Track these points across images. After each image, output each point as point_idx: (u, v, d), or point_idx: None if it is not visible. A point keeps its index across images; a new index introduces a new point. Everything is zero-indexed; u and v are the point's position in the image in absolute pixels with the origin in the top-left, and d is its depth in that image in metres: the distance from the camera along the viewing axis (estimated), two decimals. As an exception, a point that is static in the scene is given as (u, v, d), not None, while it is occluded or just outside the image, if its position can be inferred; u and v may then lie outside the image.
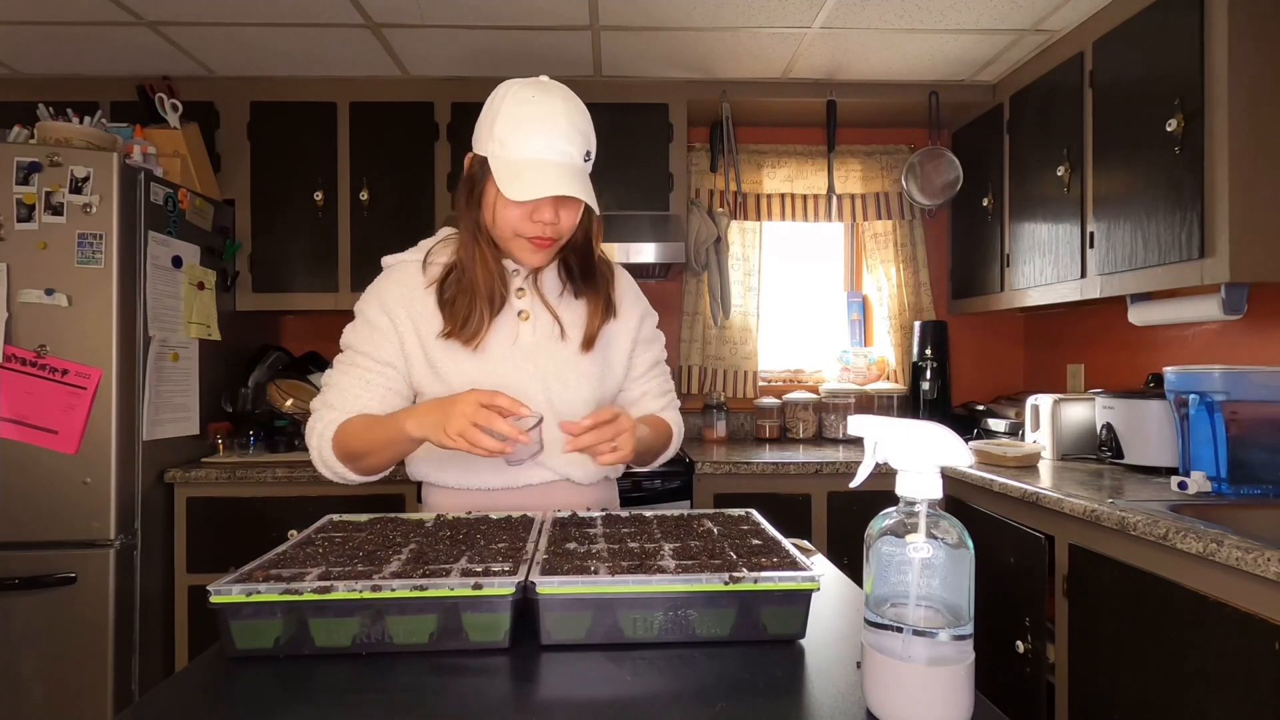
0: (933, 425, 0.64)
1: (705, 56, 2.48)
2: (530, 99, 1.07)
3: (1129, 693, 1.47)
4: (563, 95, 1.10)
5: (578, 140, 1.08)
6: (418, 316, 1.16)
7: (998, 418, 2.58)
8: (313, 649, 0.73)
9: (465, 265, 1.15)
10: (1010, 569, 1.81)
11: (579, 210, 1.14)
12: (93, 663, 1.93)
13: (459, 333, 1.13)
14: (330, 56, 2.46)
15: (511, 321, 1.17)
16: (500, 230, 1.12)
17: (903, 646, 0.60)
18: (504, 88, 1.10)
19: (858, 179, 2.95)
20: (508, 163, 1.06)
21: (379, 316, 1.16)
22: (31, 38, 2.31)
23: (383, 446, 1.08)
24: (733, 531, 0.95)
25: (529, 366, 1.16)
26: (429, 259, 1.19)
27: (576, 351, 1.19)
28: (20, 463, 1.92)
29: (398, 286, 1.18)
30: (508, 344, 1.16)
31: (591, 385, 1.19)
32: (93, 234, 1.95)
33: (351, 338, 1.19)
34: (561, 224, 1.11)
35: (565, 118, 1.07)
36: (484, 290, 1.14)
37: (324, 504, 2.19)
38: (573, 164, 1.08)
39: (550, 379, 1.17)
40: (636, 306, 1.29)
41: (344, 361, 1.18)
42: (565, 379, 1.17)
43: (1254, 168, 1.65)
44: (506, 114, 1.07)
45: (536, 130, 1.06)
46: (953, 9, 2.15)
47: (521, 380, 1.15)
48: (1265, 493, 1.62)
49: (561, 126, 1.07)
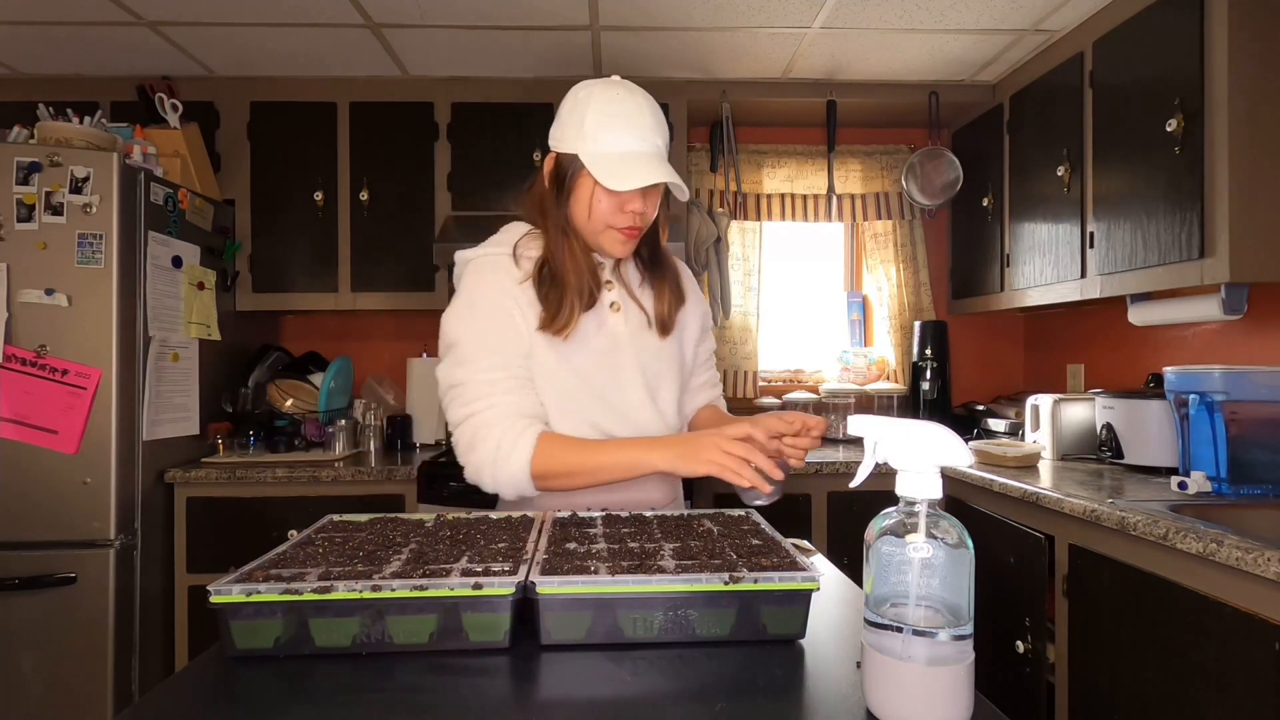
0: (933, 425, 0.64)
1: (705, 56, 2.48)
2: (617, 97, 1.13)
3: (1129, 693, 1.47)
4: (643, 92, 1.17)
5: (661, 132, 1.15)
6: (525, 308, 1.16)
7: (998, 418, 2.58)
8: (313, 649, 0.73)
9: (555, 260, 1.16)
10: (1010, 569, 1.81)
11: (659, 199, 1.19)
12: (93, 663, 1.93)
13: (550, 325, 1.14)
14: (330, 56, 2.46)
15: (605, 313, 1.21)
16: (594, 223, 1.16)
17: (903, 646, 0.60)
18: (586, 89, 1.15)
19: (858, 179, 2.95)
20: (603, 156, 1.11)
21: (504, 300, 1.14)
22: (31, 38, 2.31)
23: (603, 472, 1.08)
24: (733, 531, 0.95)
25: (628, 355, 1.20)
26: (518, 253, 1.19)
27: (660, 338, 1.25)
28: (20, 463, 1.92)
29: (501, 278, 1.17)
30: (608, 335, 1.20)
31: (676, 370, 1.26)
32: (93, 234, 1.95)
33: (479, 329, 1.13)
34: (648, 213, 1.17)
35: (650, 112, 1.14)
36: (574, 283, 1.16)
37: (324, 504, 2.19)
38: (660, 153, 1.15)
39: (646, 366, 1.22)
40: (699, 297, 1.36)
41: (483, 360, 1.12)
42: (659, 366, 1.24)
43: (1254, 168, 1.65)
44: (597, 111, 1.12)
45: (629, 124, 1.12)
46: (953, 9, 2.15)
47: (624, 368, 1.20)
48: (1265, 493, 1.62)
49: (649, 120, 1.13)
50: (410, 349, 2.86)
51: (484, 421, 1.09)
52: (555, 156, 1.18)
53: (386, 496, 2.24)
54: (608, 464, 1.08)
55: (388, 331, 2.95)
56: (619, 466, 1.08)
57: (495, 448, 1.08)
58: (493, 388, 1.11)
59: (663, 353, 1.24)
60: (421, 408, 2.66)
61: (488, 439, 1.08)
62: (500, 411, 1.10)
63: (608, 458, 1.08)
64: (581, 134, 1.12)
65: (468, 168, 2.60)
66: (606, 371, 1.19)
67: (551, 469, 1.08)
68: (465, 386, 1.11)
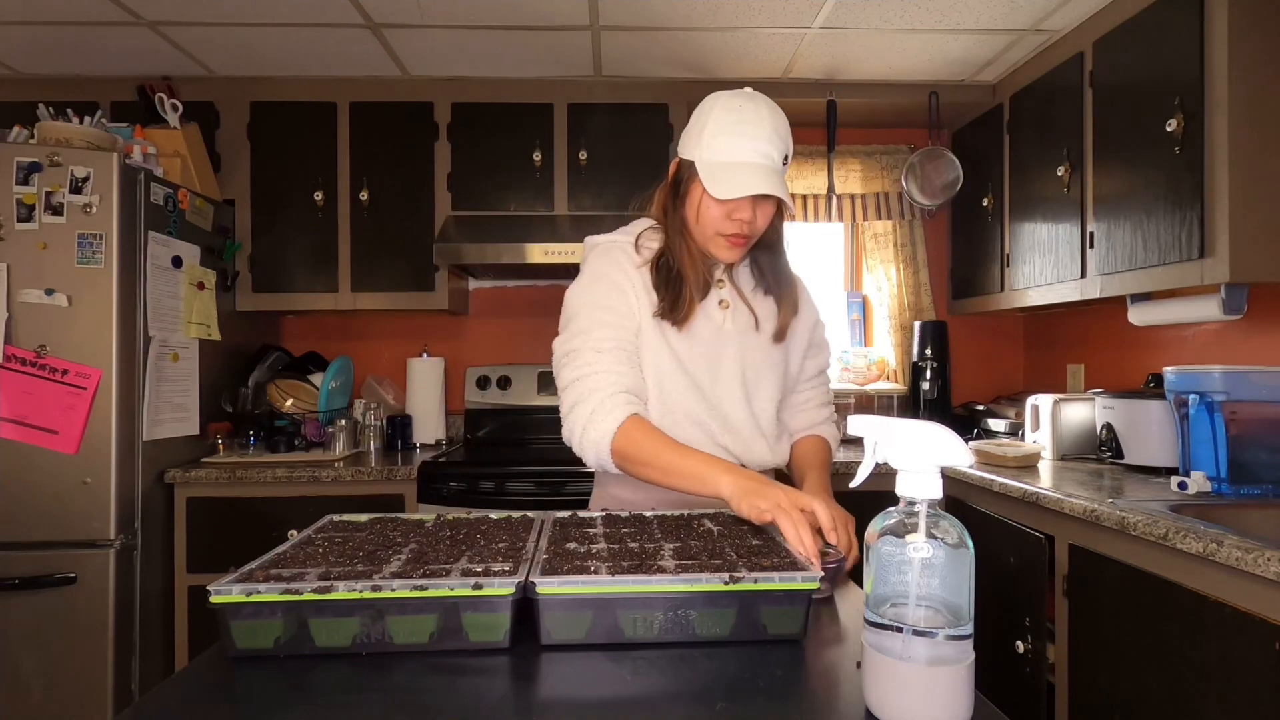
0: (933, 425, 0.64)
1: (705, 56, 2.48)
2: (738, 107, 1.16)
3: (1129, 693, 1.47)
4: (767, 104, 1.18)
5: (778, 144, 1.15)
6: (639, 291, 1.21)
7: (998, 418, 2.58)
8: (313, 649, 0.73)
9: (673, 254, 1.22)
10: (1010, 569, 1.81)
11: (773, 209, 1.21)
12: (93, 663, 1.93)
13: (670, 314, 1.19)
14: (330, 56, 2.46)
15: (714, 309, 1.25)
16: (703, 228, 1.20)
17: (903, 646, 0.60)
18: (713, 98, 1.19)
19: (858, 179, 2.95)
20: (714, 165, 1.14)
21: (623, 279, 1.21)
22: (31, 38, 2.31)
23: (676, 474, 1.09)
24: (732, 531, 0.95)
25: (730, 350, 1.23)
26: (640, 242, 1.26)
27: (768, 342, 1.27)
28: (20, 463, 1.92)
29: (621, 259, 1.23)
30: (713, 328, 1.23)
31: (778, 375, 1.29)
32: (93, 234, 1.95)
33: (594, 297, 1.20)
34: (757, 222, 1.19)
35: (770, 124, 1.15)
36: (691, 278, 1.21)
37: (324, 504, 2.19)
38: (772, 166, 1.15)
39: (746, 364, 1.24)
40: (813, 311, 1.39)
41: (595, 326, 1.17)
42: (759, 366, 1.26)
43: (1254, 168, 1.65)
44: (716, 121, 1.15)
45: (742, 134, 1.14)
46: (953, 9, 2.15)
47: (724, 362, 1.23)
48: (1265, 493, 1.62)
49: (765, 131, 1.14)
50: (410, 349, 2.86)
51: (589, 387, 1.14)
52: (678, 160, 1.23)
53: (386, 496, 2.24)
54: (681, 468, 1.08)
55: (388, 331, 2.95)
56: (691, 475, 1.07)
57: (590, 413, 1.13)
58: (600, 357, 1.16)
59: (767, 356, 1.27)
60: (421, 408, 2.66)
61: (587, 403, 1.13)
62: (604, 379, 1.15)
63: (683, 462, 1.08)
64: (699, 141, 1.16)
65: (468, 168, 2.60)
66: (706, 362, 1.22)
67: (631, 452, 1.11)
68: (579, 353, 1.17)
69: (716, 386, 1.23)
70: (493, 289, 2.99)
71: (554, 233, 2.46)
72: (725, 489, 1.03)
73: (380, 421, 2.57)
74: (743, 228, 1.17)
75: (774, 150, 1.14)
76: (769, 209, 1.20)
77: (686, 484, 1.09)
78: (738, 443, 1.25)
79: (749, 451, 1.26)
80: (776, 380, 1.28)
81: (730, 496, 1.01)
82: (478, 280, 2.98)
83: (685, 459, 1.09)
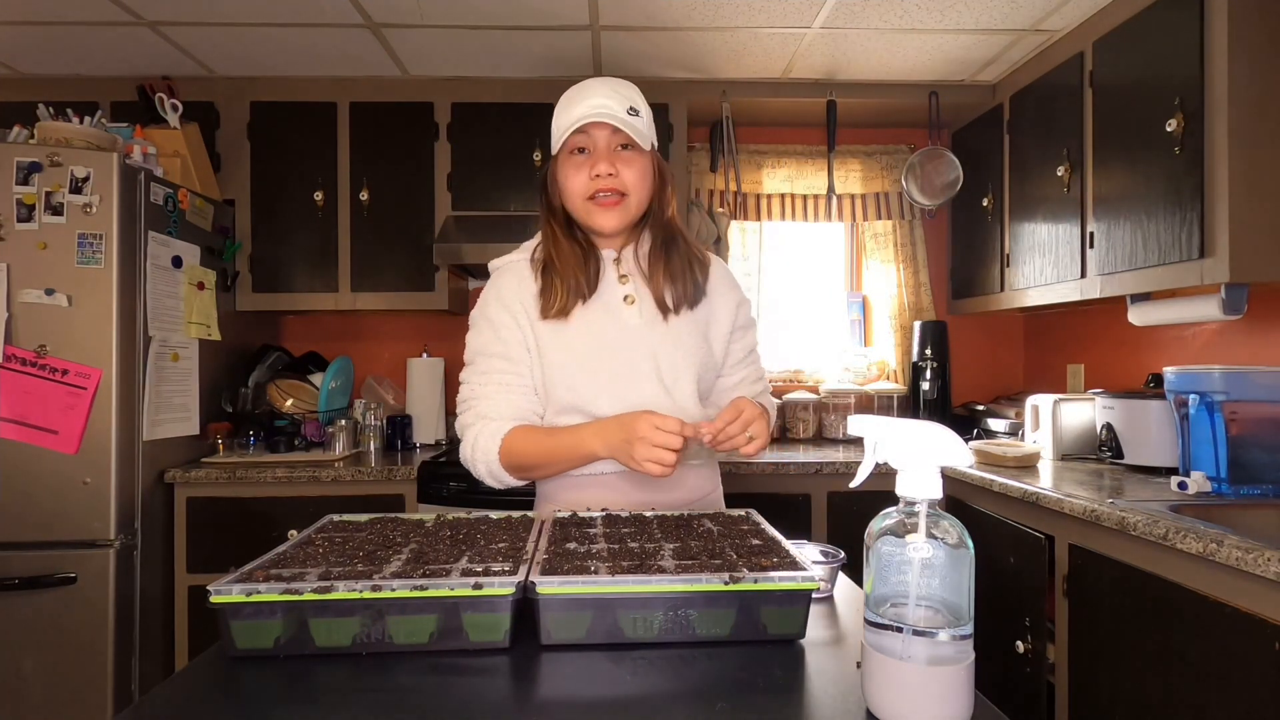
0: (933, 425, 0.64)
1: (705, 56, 2.48)
2: (578, 86, 1.20)
3: (1129, 693, 1.47)
4: (601, 78, 1.21)
5: (615, 98, 1.16)
6: (530, 308, 1.21)
7: (998, 418, 2.58)
8: (313, 649, 0.73)
9: (546, 251, 1.23)
10: (1010, 569, 1.81)
11: (642, 168, 1.19)
12: (93, 663, 1.93)
13: (547, 312, 1.19)
14: (330, 56, 2.46)
15: (618, 307, 1.22)
16: (573, 201, 1.19)
17: (903, 646, 0.60)
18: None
19: (858, 179, 2.95)
20: (557, 129, 1.18)
21: (501, 314, 1.21)
22: (31, 38, 2.31)
23: (561, 460, 1.14)
24: (733, 531, 0.95)
25: (641, 345, 1.20)
26: (535, 255, 1.25)
27: (684, 330, 1.23)
28: (20, 463, 1.92)
29: (512, 281, 1.24)
30: (618, 329, 1.21)
31: (695, 363, 1.23)
32: (93, 234, 1.95)
33: (479, 344, 1.23)
34: (622, 177, 1.17)
35: (602, 84, 1.18)
36: (561, 269, 1.19)
37: (324, 504, 2.19)
38: (611, 114, 1.14)
39: (660, 359, 1.21)
40: (733, 292, 1.33)
41: (478, 371, 1.22)
42: (674, 358, 1.21)
43: (1254, 168, 1.65)
44: (560, 104, 1.19)
45: (573, 100, 1.17)
46: (953, 9, 2.15)
47: (635, 358, 1.20)
48: (1265, 493, 1.62)
49: (597, 89, 1.17)
50: (410, 349, 2.86)
51: (466, 422, 1.20)
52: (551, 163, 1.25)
53: (386, 496, 2.24)
54: (558, 451, 1.13)
55: (388, 331, 2.95)
56: (568, 452, 1.12)
57: (472, 444, 1.17)
58: (481, 391, 1.20)
59: (680, 344, 1.22)
60: (421, 408, 2.66)
61: (468, 437, 1.18)
62: (480, 411, 1.19)
63: (557, 443, 1.13)
64: (554, 130, 1.19)
65: (468, 168, 2.60)
66: (619, 366, 1.19)
67: (519, 461, 1.15)
68: (463, 391, 1.23)
69: (637, 388, 1.18)
70: (493, 289, 2.99)
71: (554, 233, 2.45)
72: (601, 452, 1.08)
73: (380, 421, 2.57)
74: (604, 181, 1.16)
75: (611, 101, 1.15)
76: (635, 165, 1.18)
77: (570, 462, 1.14)
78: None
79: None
80: (692, 368, 1.23)
81: (609, 457, 1.08)
82: (478, 280, 2.98)
83: (558, 439, 1.13)
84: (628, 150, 1.18)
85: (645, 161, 1.20)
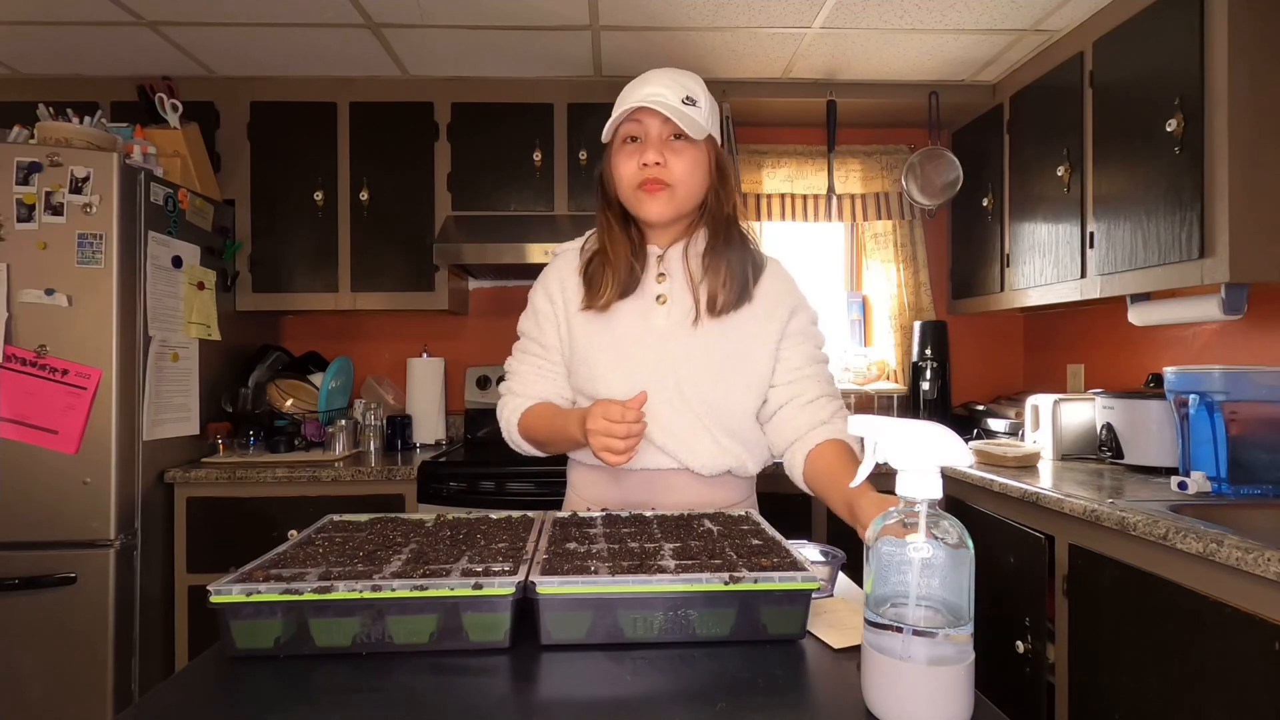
0: (933, 425, 0.64)
1: (705, 56, 2.48)
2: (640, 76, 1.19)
3: (1129, 693, 1.47)
4: (664, 68, 1.20)
5: (672, 87, 1.15)
6: (569, 297, 1.24)
7: (998, 418, 2.58)
8: (313, 649, 0.73)
9: (600, 240, 1.24)
10: (1010, 569, 1.81)
11: (694, 158, 1.17)
12: (93, 663, 1.93)
13: (589, 302, 1.21)
14: (330, 56, 2.46)
15: (650, 306, 1.21)
16: (624, 190, 1.19)
17: (903, 646, 0.60)
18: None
19: (858, 179, 2.95)
20: (612, 118, 1.17)
21: (543, 302, 1.27)
22: (31, 38, 2.31)
23: (558, 441, 1.19)
24: (733, 531, 0.95)
25: (660, 351, 1.18)
26: (586, 244, 1.28)
27: (709, 334, 1.18)
28: (20, 463, 1.92)
29: (559, 270, 1.27)
30: (641, 328, 1.19)
31: (723, 371, 1.17)
32: (93, 234, 1.95)
33: (524, 325, 1.30)
34: (670, 167, 1.15)
35: (662, 73, 1.17)
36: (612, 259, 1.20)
37: (324, 504, 2.19)
38: (663, 102, 1.13)
39: (679, 364, 1.17)
40: (787, 297, 1.24)
41: (520, 350, 1.30)
42: (695, 365, 1.17)
43: (1254, 168, 1.65)
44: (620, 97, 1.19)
45: (634, 87, 1.17)
46: (953, 9, 2.15)
47: (652, 363, 1.18)
48: (1265, 493, 1.62)
49: (655, 78, 1.16)
50: (410, 349, 2.86)
51: (502, 391, 1.30)
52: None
53: (386, 496, 2.24)
54: (552, 433, 1.19)
55: (388, 331, 2.95)
56: (559, 434, 1.17)
57: (500, 413, 1.27)
58: (518, 369, 1.28)
59: (708, 352, 1.16)
60: (421, 408, 2.66)
61: (500, 406, 1.28)
62: (512, 386, 1.27)
63: (554, 427, 1.18)
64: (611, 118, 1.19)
65: (468, 168, 2.60)
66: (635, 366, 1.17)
67: (532, 437, 1.23)
68: (508, 362, 1.31)
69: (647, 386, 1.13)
70: (493, 289, 2.99)
71: (554, 233, 2.45)
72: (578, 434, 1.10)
73: (380, 421, 2.57)
74: (651, 170, 1.14)
75: (666, 90, 1.13)
76: (686, 156, 1.15)
77: (562, 444, 1.20)
78: (674, 442, 1.17)
79: (690, 454, 1.17)
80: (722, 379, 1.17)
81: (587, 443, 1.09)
82: (478, 280, 2.98)
83: (552, 422, 1.18)
84: (679, 140, 1.16)
85: (698, 153, 1.17)
